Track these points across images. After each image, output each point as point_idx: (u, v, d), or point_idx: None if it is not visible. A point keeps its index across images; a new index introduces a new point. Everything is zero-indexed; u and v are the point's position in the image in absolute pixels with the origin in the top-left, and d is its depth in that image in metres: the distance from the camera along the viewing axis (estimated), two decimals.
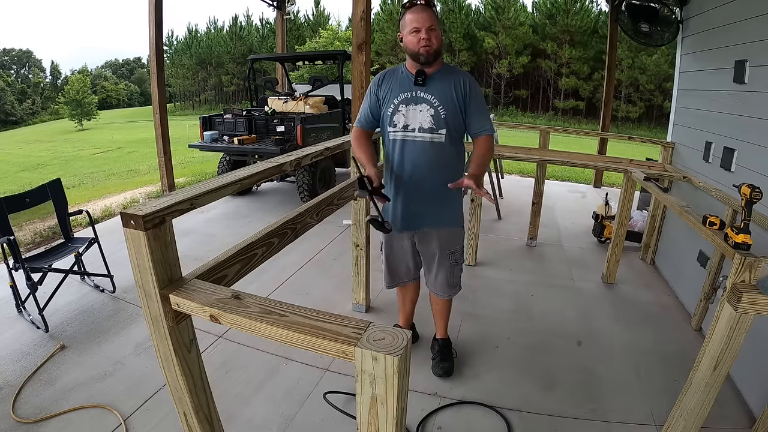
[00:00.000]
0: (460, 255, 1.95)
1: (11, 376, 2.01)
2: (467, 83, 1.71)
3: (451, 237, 1.89)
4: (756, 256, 1.26)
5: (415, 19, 1.61)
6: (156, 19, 4.70)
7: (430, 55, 1.64)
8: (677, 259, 3.03)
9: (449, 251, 1.90)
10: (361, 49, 3.65)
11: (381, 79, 1.80)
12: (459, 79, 1.71)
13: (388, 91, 1.77)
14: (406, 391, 0.81)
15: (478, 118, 1.73)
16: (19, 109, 38.84)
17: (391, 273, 2.07)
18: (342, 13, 64.61)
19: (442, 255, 1.90)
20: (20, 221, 4.37)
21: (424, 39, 1.61)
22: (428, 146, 1.73)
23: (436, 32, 1.64)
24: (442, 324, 2.13)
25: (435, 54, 1.65)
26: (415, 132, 1.73)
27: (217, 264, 1.21)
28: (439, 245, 1.88)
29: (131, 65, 58.38)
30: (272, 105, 5.58)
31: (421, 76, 1.69)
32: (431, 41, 1.63)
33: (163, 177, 5.19)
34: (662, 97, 22.29)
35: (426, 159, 1.74)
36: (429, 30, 1.62)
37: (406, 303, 2.21)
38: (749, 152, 2.22)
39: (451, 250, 1.90)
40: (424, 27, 1.61)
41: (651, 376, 2.10)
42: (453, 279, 1.97)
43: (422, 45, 1.62)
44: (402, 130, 1.75)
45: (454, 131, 1.74)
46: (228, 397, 1.91)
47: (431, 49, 1.63)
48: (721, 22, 2.62)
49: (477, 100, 1.72)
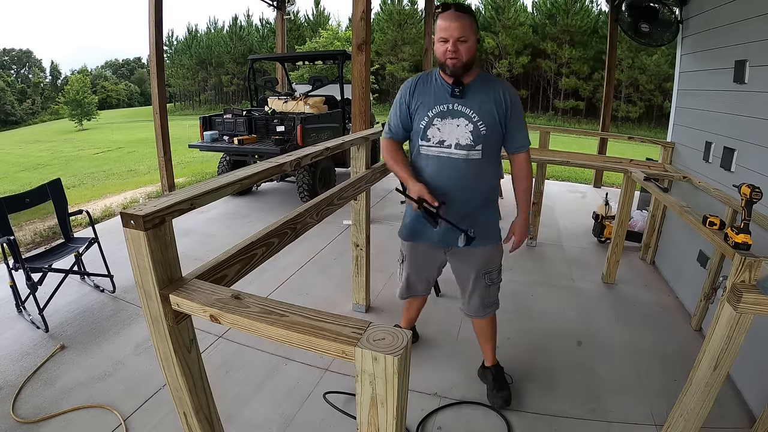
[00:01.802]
0: (497, 274, 1.81)
1: (11, 376, 2.01)
2: (509, 96, 1.58)
3: (488, 255, 1.75)
4: (756, 256, 1.26)
5: (444, 27, 1.47)
6: (156, 19, 4.70)
7: (457, 68, 1.52)
8: (677, 259, 3.03)
9: (485, 271, 1.76)
10: (361, 49, 3.65)
11: (413, 87, 1.65)
12: (499, 92, 1.58)
13: (420, 101, 1.62)
14: (406, 391, 0.81)
15: (517, 132, 1.62)
16: (19, 109, 38.83)
17: (410, 286, 1.95)
18: (342, 13, 64.62)
19: (477, 276, 1.76)
20: (20, 221, 4.37)
21: (450, 51, 1.48)
22: (464, 163, 1.60)
23: (468, 44, 1.49)
24: (490, 348, 1.96)
25: (463, 67, 1.52)
26: (451, 148, 1.59)
27: (217, 264, 1.21)
28: (475, 264, 1.75)
29: (131, 65, 58.37)
30: (272, 105, 5.59)
31: (458, 87, 1.56)
32: (459, 54, 1.49)
33: (163, 177, 5.19)
34: (662, 97, 22.28)
35: (462, 176, 1.62)
36: (458, 41, 1.47)
37: (411, 310, 2.15)
38: (749, 152, 2.22)
39: (487, 269, 1.76)
40: (452, 38, 1.47)
41: (651, 376, 2.10)
42: (489, 298, 1.83)
43: (449, 57, 1.50)
44: (437, 145, 1.61)
45: (492, 147, 1.62)
46: (228, 397, 1.91)
47: (458, 62, 1.50)
48: (721, 22, 2.62)
49: (518, 113, 1.60)
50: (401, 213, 1.75)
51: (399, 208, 4.74)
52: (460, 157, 1.60)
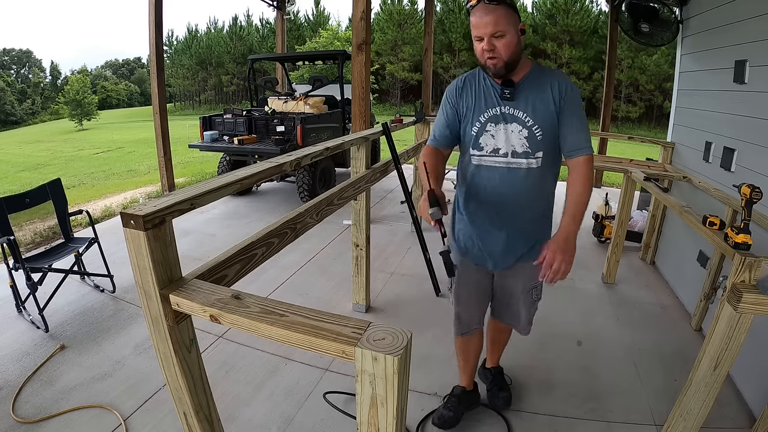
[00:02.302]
0: (540, 289, 1.64)
1: (11, 376, 2.01)
2: (563, 87, 1.36)
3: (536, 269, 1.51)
4: (756, 256, 1.26)
5: (476, 24, 1.29)
6: (156, 20, 4.70)
7: (498, 69, 1.33)
8: (677, 259, 3.03)
9: (532, 285, 1.60)
10: (361, 49, 3.65)
11: (459, 89, 1.48)
12: (554, 84, 1.36)
13: (469, 104, 1.45)
14: (406, 391, 0.81)
15: (574, 130, 1.36)
16: (19, 109, 38.82)
17: (463, 318, 1.70)
18: (342, 13, 64.64)
19: (524, 291, 1.61)
20: (20, 221, 4.37)
21: (487, 51, 1.30)
22: (522, 173, 1.42)
23: (506, 39, 1.28)
24: (497, 352, 1.93)
25: (505, 67, 1.33)
26: (507, 157, 1.41)
27: (217, 264, 1.21)
28: (523, 280, 1.59)
29: (131, 65, 58.37)
30: (272, 105, 5.59)
31: (509, 88, 1.37)
32: (497, 52, 1.29)
33: (163, 177, 5.19)
34: (662, 97, 22.27)
35: (519, 188, 1.44)
36: (494, 37, 1.28)
37: (470, 357, 1.81)
38: (749, 152, 2.22)
39: (534, 284, 1.60)
40: (486, 35, 1.28)
41: (651, 376, 2.10)
42: (531, 316, 1.69)
43: (487, 58, 1.32)
44: (491, 154, 1.43)
45: (552, 152, 1.42)
46: (228, 397, 1.91)
47: (498, 62, 1.31)
48: (721, 22, 2.62)
49: (573, 106, 1.36)
50: (401, 213, 1.71)
51: (399, 208, 4.74)
52: (520, 167, 1.42)
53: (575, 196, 1.37)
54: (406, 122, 3.53)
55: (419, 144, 3.59)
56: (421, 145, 3.61)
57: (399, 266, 3.30)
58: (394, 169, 2.62)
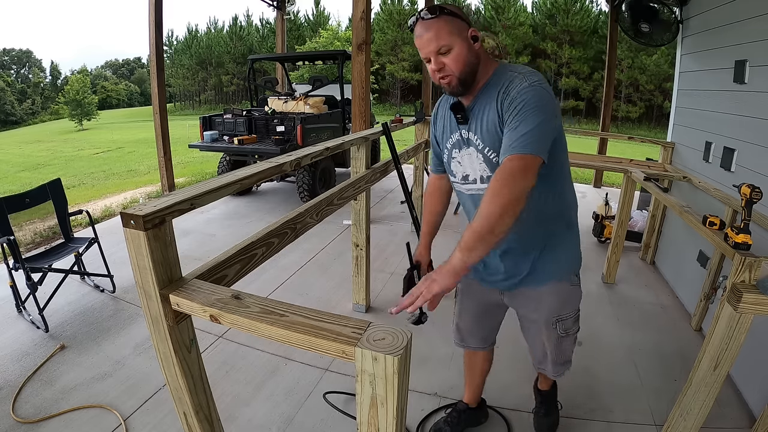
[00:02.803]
0: (572, 322, 1.39)
1: (11, 376, 2.01)
2: (509, 91, 1.10)
3: (556, 296, 1.35)
4: (756, 256, 1.26)
5: (419, 45, 1.15)
6: (156, 20, 4.70)
7: (454, 88, 1.17)
8: (677, 259, 3.03)
9: (555, 317, 1.36)
10: (361, 49, 3.65)
11: (435, 113, 1.39)
12: (501, 91, 1.13)
13: (441, 130, 1.35)
14: (406, 391, 0.81)
15: (511, 131, 1.07)
16: (19, 109, 38.83)
17: (461, 330, 1.61)
18: (342, 13, 64.66)
19: (547, 323, 1.38)
20: (20, 221, 4.37)
21: (436, 71, 1.16)
22: None
23: (455, 52, 1.12)
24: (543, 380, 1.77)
25: (462, 83, 1.16)
26: (477, 183, 1.27)
27: (217, 264, 1.21)
28: (540, 309, 1.37)
29: (131, 65, 58.38)
30: (272, 105, 5.59)
31: (459, 113, 1.24)
32: (448, 69, 1.14)
33: (163, 177, 5.20)
34: (662, 97, 22.28)
35: None
36: (440, 54, 1.13)
37: (474, 374, 1.72)
38: (749, 152, 2.22)
39: (558, 315, 1.36)
40: (431, 53, 1.13)
41: (651, 376, 2.10)
42: (561, 356, 1.45)
43: (439, 78, 1.17)
44: (462, 182, 1.32)
45: None
46: (228, 397, 1.91)
47: (452, 80, 1.15)
48: (721, 22, 2.62)
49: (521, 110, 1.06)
50: (401, 213, 1.69)
51: (399, 208, 4.74)
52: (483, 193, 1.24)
53: (476, 217, 0.99)
54: (406, 122, 3.53)
55: (419, 144, 3.59)
56: (421, 145, 3.61)
57: (399, 266, 3.30)
58: (394, 169, 2.62)
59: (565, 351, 1.46)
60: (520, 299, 1.40)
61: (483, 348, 1.62)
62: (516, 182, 0.99)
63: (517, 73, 1.14)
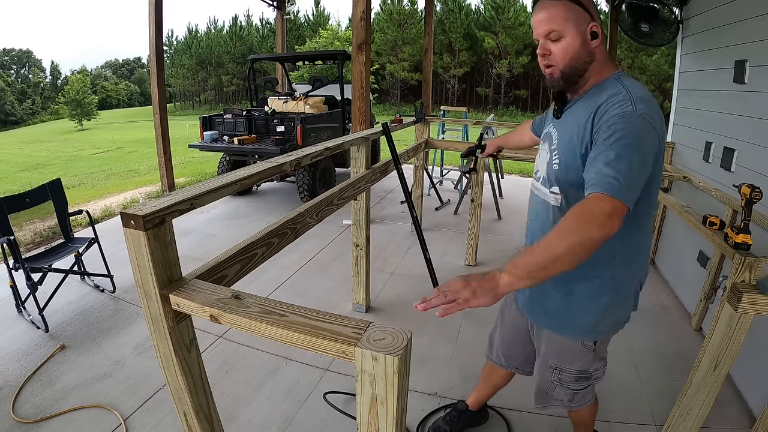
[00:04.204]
0: (572, 379, 1.28)
1: (11, 376, 2.01)
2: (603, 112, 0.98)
3: (559, 349, 1.25)
4: (756, 256, 1.27)
5: (533, 23, 1.07)
6: (156, 20, 4.70)
7: (554, 81, 1.07)
8: (677, 259, 3.03)
9: (554, 365, 1.28)
10: (361, 49, 3.65)
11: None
12: (599, 108, 1.00)
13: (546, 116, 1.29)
14: (406, 391, 0.81)
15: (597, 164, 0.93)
16: (19, 109, 38.86)
17: (493, 342, 1.57)
18: (342, 13, 64.69)
19: (544, 363, 1.31)
20: (20, 221, 4.37)
21: (541, 56, 1.07)
22: (543, 205, 1.17)
23: (566, 42, 1.02)
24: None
25: (565, 78, 1.06)
26: (539, 183, 1.19)
27: (217, 264, 1.21)
28: (544, 350, 1.30)
29: (131, 65, 58.43)
30: (272, 105, 5.59)
31: (558, 104, 1.14)
32: (553, 58, 1.04)
33: (163, 177, 5.19)
34: (662, 97, 22.24)
35: (542, 221, 1.18)
36: (549, 40, 1.04)
37: (487, 385, 1.68)
38: (749, 152, 2.22)
39: (557, 365, 1.28)
40: (540, 35, 1.05)
41: (651, 376, 2.10)
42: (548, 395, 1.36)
43: (544, 65, 1.08)
44: (534, 176, 1.23)
45: (576, 196, 1.03)
46: (228, 397, 1.91)
47: (554, 71, 1.05)
48: (721, 22, 2.62)
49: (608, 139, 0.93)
50: (401, 213, 1.69)
51: (399, 208, 4.74)
52: (542, 196, 1.18)
53: (541, 245, 0.86)
54: (406, 122, 3.53)
55: (419, 144, 3.59)
56: (421, 145, 3.61)
57: (399, 266, 3.30)
58: (394, 169, 2.61)
59: (557, 394, 1.34)
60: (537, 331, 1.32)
61: (505, 367, 1.55)
62: (596, 226, 0.85)
63: (627, 91, 0.99)
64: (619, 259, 1.10)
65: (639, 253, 1.14)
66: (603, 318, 1.17)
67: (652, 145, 0.95)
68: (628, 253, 1.11)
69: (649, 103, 0.97)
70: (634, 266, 1.14)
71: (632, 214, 0.94)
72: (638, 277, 1.17)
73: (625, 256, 1.10)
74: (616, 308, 1.17)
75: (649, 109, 0.96)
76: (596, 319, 1.16)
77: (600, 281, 1.12)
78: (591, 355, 1.23)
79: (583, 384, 1.29)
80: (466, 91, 29.00)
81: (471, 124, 5.07)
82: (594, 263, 1.02)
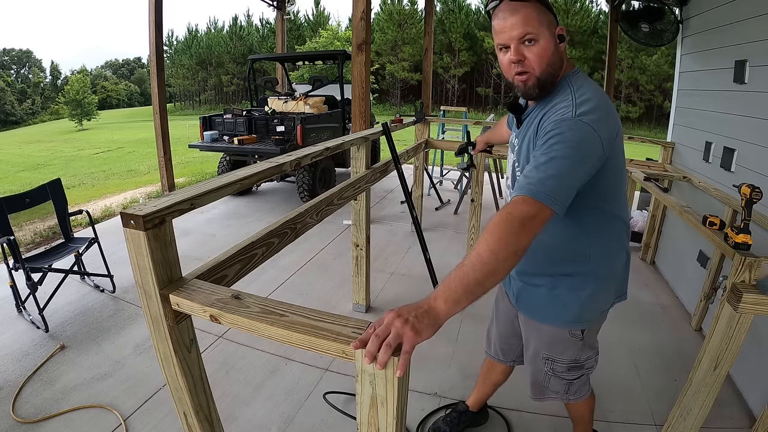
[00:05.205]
0: (564, 368, 1.29)
1: (11, 376, 2.01)
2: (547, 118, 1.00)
3: (549, 339, 1.26)
4: (756, 256, 1.27)
5: (500, 28, 0.99)
6: (156, 20, 4.70)
7: (530, 89, 1.03)
8: (677, 259, 3.03)
9: (546, 356, 1.29)
10: (361, 49, 3.65)
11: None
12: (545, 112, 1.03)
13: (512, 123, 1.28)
14: (406, 391, 0.81)
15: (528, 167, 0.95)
16: (19, 109, 38.86)
17: (490, 338, 1.58)
18: (342, 13, 64.72)
19: (536, 353, 1.31)
20: (20, 221, 4.37)
21: (514, 63, 1.01)
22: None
23: (540, 45, 0.98)
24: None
25: (540, 85, 1.02)
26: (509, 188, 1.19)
27: (217, 264, 1.21)
28: (535, 342, 1.31)
29: (131, 65, 58.42)
30: (272, 105, 5.59)
31: (518, 113, 1.15)
32: (529, 65, 1.00)
33: (163, 177, 5.19)
34: (662, 97, 22.27)
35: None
36: (523, 44, 0.98)
37: (486, 383, 1.67)
38: (749, 152, 2.22)
39: (548, 355, 1.29)
40: (513, 39, 0.98)
41: (651, 376, 2.10)
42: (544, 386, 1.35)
43: (515, 73, 1.02)
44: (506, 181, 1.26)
45: None
46: (228, 397, 1.91)
47: (530, 78, 1.01)
48: (721, 22, 2.62)
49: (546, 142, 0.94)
50: (401, 213, 1.69)
51: (399, 208, 4.74)
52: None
53: (471, 255, 0.83)
54: (406, 122, 3.53)
55: (419, 144, 3.59)
56: (421, 145, 3.61)
57: (399, 266, 3.30)
58: (394, 169, 2.62)
59: (552, 385, 1.34)
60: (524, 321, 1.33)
61: (504, 362, 1.55)
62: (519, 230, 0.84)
63: (573, 96, 0.99)
64: (595, 255, 1.14)
65: (613, 244, 1.17)
66: (588, 307, 1.20)
67: (593, 148, 0.94)
68: (603, 248, 1.15)
69: (593, 105, 0.97)
70: (610, 257, 1.18)
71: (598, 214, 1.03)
72: (618, 264, 1.20)
73: (600, 251, 1.14)
74: (600, 297, 1.21)
75: (592, 112, 0.95)
76: (581, 308, 1.19)
77: (582, 276, 1.17)
78: (580, 344, 1.26)
79: (576, 373, 1.31)
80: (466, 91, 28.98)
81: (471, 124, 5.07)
82: (572, 262, 1.15)
